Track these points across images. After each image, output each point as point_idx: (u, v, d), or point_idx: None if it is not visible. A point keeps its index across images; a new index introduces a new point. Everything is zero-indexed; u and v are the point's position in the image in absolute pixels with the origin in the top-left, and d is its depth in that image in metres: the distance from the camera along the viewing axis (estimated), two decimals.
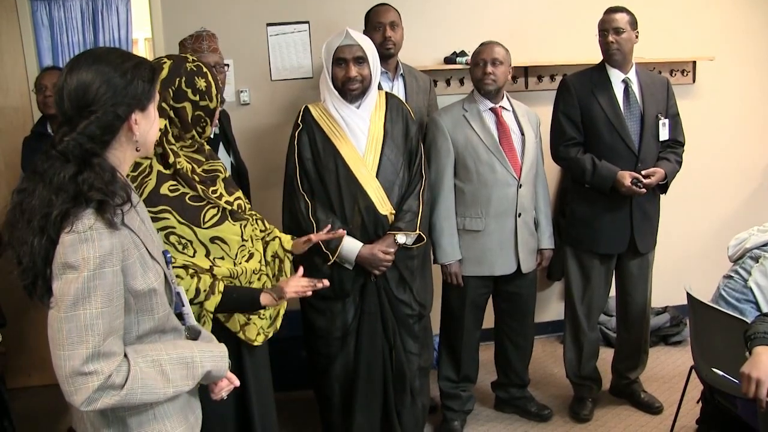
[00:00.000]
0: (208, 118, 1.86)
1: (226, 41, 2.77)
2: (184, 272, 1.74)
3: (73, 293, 1.21)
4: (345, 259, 2.42)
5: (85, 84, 1.26)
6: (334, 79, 2.45)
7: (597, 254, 2.93)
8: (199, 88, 1.81)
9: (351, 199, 2.43)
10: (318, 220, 2.39)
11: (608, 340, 3.60)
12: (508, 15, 3.62)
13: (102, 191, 1.23)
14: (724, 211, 4.01)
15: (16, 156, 3.18)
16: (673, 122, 2.91)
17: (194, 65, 1.84)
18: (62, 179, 1.22)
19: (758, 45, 3.90)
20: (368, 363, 2.48)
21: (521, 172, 2.75)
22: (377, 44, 2.85)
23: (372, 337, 2.48)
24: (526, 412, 3.08)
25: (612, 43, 2.77)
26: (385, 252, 2.41)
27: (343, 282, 2.45)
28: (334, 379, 2.52)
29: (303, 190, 2.43)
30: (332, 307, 2.47)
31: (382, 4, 3.01)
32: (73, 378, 1.21)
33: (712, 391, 2.41)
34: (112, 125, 1.28)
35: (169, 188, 1.77)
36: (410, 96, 2.99)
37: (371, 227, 2.45)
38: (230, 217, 1.87)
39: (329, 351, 2.50)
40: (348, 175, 2.43)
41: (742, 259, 2.42)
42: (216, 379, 1.48)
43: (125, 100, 1.29)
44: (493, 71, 2.69)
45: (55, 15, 3.43)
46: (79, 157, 1.24)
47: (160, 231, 1.72)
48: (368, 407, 2.50)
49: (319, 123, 2.47)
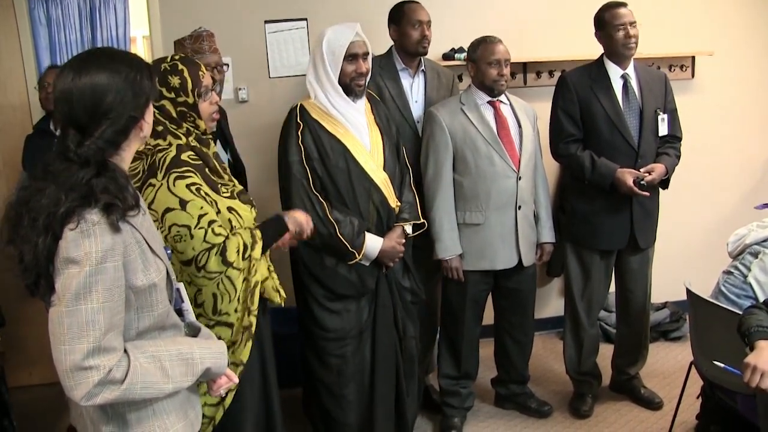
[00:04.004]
0: (193, 113, 1.90)
1: (224, 39, 2.77)
2: (222, 237, 1.82)
3: (75, 287, 1.22)
4: (368, 256, 2.44)
5: (98, 91, 1.28)
6: (342, 75, 2.42)
7: (597, 250, 2.93)
8: (173, 86, 1.87)
9: (365, 195, 2.44)
10: (337, 220, 2.37)
11: (608, 336, 3.60)
12: (507, 11, 3.61)
13: (113, 195, 1.26)
14: (724, 206, 4.01)
15: (14, 154, 3.18)
16: (671, 117, 2.91)
17: (169, 64, 1.90)
18: (79, 181, 1.24)
19: (757, 40, 3.90)
20: (384, 355, 2.51)
21: (520, 164, 2.75)
22: (414, 42, 2.86)
23: (386, 330, 2.52)
24: (526, 409, 3.08)
25: (633, 37, 2.76)
26: (400, 243, 2.48)
27: (363, 279, 2.45)
28: (349, 377, 2.49)
29: (316, 191, 2.40)
30: (348, 306, 2.46)
31: (416, 1, 2.96)
32: (73, 372, 1.22)
33: (712, 387, 2.42)
34: (127, 128, 1.32)
35: (190, 157, 1.86)
36: (429, 92, 2.98)
37: (385, 220, 2.49)
38: (239, 197, 1.97)
39: (344, 351, 2.47)
40: (359, 171, 2.43)
41: (741, 255, 2.42)
42: (215, 377, 1.48)
43: (139, 102, 1.33)
44: (506, 72, 2.71)
45: (53, 13, 3.42)
46: (100, 162, 1.27)
47: (190, 186, 1.80)
48: (386, 398, 2.54)
49: (320, 121, 2.43)
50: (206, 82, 1.92)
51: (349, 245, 2.35)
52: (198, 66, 1.94)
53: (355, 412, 2.53)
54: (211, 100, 1.95)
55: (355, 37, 2.42)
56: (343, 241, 2.35)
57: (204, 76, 1.92)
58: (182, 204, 1.78)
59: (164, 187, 1.79)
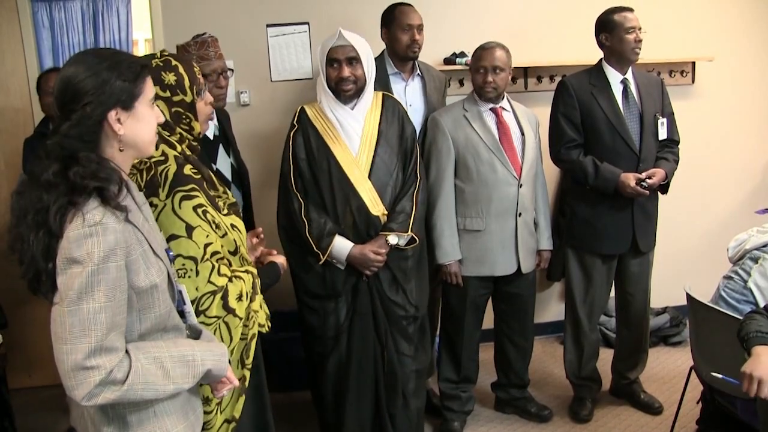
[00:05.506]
0: (189, 113, 1.78)
1: (226, 42, 2.77)
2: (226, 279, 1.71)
3: (77, 287, 1.22)
4: (336, 259, 2.44)
5: (62, 85, 1.30)
6: (328, 80, 2.46)
7: (599, 254, 2.94)
8: (167, 83, 1.73)
9: (343, 200, 2.45)
10: (310, 219, 2.41)
11: (608, 340, 3.60)
12: (508, 16, 3.62)
13: (94, 178, 1.25)
14: (724, 211, 4.01)
15: (16, 156, 3.19)
16: (669, 121, 2.92)
17: (161, 60, 1.76)
18: (48, 176, 1.25)
19: (757, 45, 3.91)
20: (360, 363, 2.49)
21: (521, 171, 2.76)
22: (403, 46, 2.86)
23: (364, 338, 2.49)
24: (526, 413, 3.08)
25: (640, 41, 2.77)
26: (376, 252, 2.42)
27: (334, 281, 2.46)
28: (327, 377, 2.53)
29: (297, 190, 2.45)
30: (325, 306, 2.49)
31: (407, 4, 2.96)
32: (75, 372, 1.22)
33: (712, 392, 2.42)
34: (87, 125, 1.28)
35: (191, 170, 1.74)
36: (429, 95, 2.98)
37: (363, 228, 2.46)
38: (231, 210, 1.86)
39: (323, 350, 2.52)
40: (340, 175, 2.44)
41: (741, 260, 2.43)
42: (216, 379, 1.48)
43: (100, 99, 1.28)
44: (493, 79, 2.70)
45: (56, 16, 3.43)
46: (60, 156, 1.26)
47: (196, 209, 1.67)
48: (359, 406, 2.51)
49: (314, 123, 2.49)
50: (201, 79, 1.82)
51: (315, 245, 2.39)
52: (191, 62, 1.84)
53: (331, 412, 2.56)
54: (206, 100, 1.85)
55: (337, 42, 2.43)
56: (309, 240, 2.39)
57: (198, 72, 1.82)
58: (188, 230, 1.65)
59: (169, 209, 1.65)
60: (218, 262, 1.70)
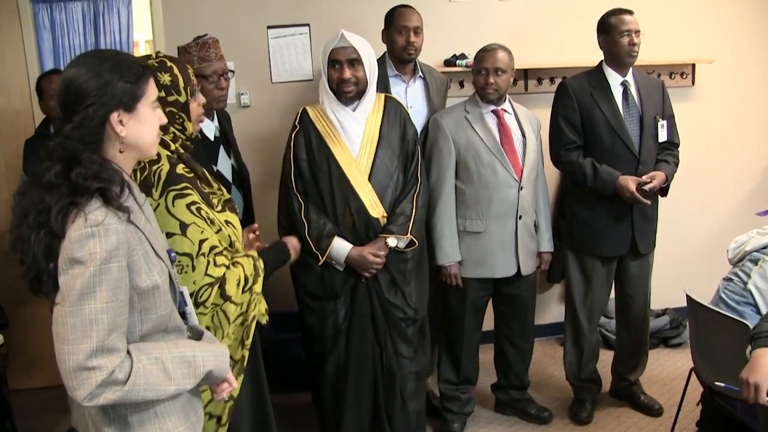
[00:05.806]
0: (183, 114, 1.81)
1: (226, 44, 2.77)
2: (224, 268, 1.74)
3: (79, 287, 1.22)
4: (335, 260, 2.45)
5: (64, 87, 1.30)
6: (329, 81, 2.47)
7: (599, 256, 2.94)
8: (163, 83, 1.76)
9: (342, 201, 2.45)
10: (310, 220, 2.42)
11: (608, 342, 3.60)
12: (508, 17, 3.63)
13: (97, 179, 1.25)
14: (724, 213, 4.01)
15: (17, 157, 3.19)
16: (669, 124, 2.92)
17: (157, 61, 1.79)
18: (50, 177, 1.25)
19: (757, 47, 3.91)
20: (358, 364, 2.49)
21: (522, 174, 2.76)
22: (399, 48, 2.87)
23: (362, 339, 2.49)
24: (525, 414, 3.08)
25: (636, 45, 2.77)
26: (375, 254, 2.43)
27: (333, 282, 2.47)
28: (326, 378, 2.54)
29: (297, 191, 2.46)
30: (324, 307, 2.50)
31: (407, 6, 2.96)
32: (76, 372, 1.22)
33: (712, 394, 2.42)
34: (88, 127, 1.29)
35: (184, 169, 1.78)
36: (432, 97, 2.98)
37: (362, 229, 2.46)
38: (226, 206, 1.88)
39: (322, 350, 2.53)
40: (340, 177, 2.45)
41: (741, 261, 2.42)
42: (217, 380, 1.48)
43: (102, 100, 1.29)
44: (495, 81, 2.70)
45: (57, 17, 3.44)
46: (62, 157, 1.26)
47: (189, 206, 1.71)
48: (357, 407, 2.51)
49: (315, 124, 2.50)
50: (195, 81, 1.85)
51: (314, 246, 2.40)
52: (185, 63, 1.86)
53: (330, 412, 2.57)
54: (199, 101, 1.87)
55: (339, 43, 2.44)
56: (309, 241, 2.40)
57: (192, 74, 1.84)
58: (182, 228, 1.69)
59: (162, 208, 1.69)
60: (215, 256, 1.74)
